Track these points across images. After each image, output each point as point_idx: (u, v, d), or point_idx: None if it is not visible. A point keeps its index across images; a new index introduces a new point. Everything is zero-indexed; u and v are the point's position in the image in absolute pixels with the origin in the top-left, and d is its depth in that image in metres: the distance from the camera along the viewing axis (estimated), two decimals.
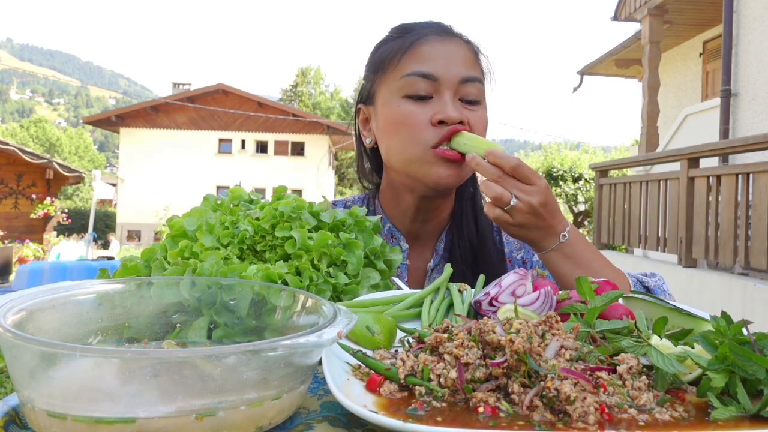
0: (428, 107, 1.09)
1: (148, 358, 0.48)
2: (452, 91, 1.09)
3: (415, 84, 1.09)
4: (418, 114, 1.09)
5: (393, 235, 1.24)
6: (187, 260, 0.82)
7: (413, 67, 1.10)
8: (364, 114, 1.24)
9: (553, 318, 0.67)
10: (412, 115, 1.09)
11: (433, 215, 1.23)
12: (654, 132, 8.96)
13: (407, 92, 1.10)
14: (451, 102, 1.08)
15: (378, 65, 1.18)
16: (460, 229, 1.24)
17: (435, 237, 1.27)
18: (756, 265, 4.48)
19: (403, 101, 1.10)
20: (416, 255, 1.26)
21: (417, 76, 1.09)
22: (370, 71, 1.21)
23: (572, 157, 18.75)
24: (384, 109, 1.15)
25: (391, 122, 1.12)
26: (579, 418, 0.51)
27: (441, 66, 1.10)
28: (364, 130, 1.25)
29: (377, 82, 1.18)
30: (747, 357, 0.54)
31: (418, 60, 1.10)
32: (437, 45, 1.12)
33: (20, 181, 16.02)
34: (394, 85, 1.12)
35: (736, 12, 8.23)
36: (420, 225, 1.24)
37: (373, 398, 0.57)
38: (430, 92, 1.10)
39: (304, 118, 28.12)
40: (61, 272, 5.84)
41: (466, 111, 1.10)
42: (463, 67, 1.11)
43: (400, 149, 1.12)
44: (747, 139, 4.88)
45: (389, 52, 1.15)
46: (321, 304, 0.64)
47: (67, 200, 39.29)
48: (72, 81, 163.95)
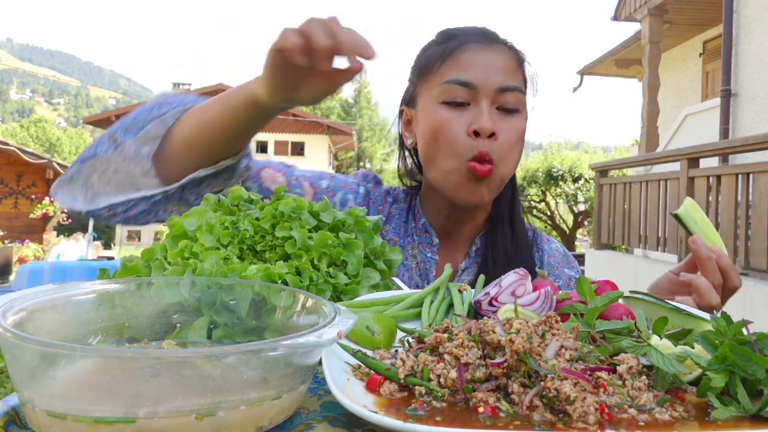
0: (465, 115, 1.10)
1: (148, 358, 0.48)
2: (490, 99, 1.10)
3: (453, 91, 1.10)
4: (454, 122, 1.10)
5: (426, 229, 1.26)
6: (187, 260, 0.82)
7: (452, 74, 1.11)
8: (406, 116, 1.26)
9: (553, 318, 0.67)
10: (448, 123, 1.10)
11: (467, 218, 1.25)
12: (654, 132, 8.96)
13: (445, 99, 1.11)
14: (487, 111, 1.09)
15: (420, 70, 1.19)
16: (495, 234, 1.25)
17: (469, 238, 1.28)
18: (756, 265, 4.48)
19: (440, 108, 1.12)
20: (447, 253, 1.27)
21: (455, 83, 1.10)
22: (413, 75, 1.23)
23: (572, 157, 18.75)
24: (423, 113, 1.16)
25: (428, 128, 1.14)
26: (579, 418, 0.51)
27: (480, 74, 1.10)
28: (406, 131, 1.27)
29: (419, 86, 1.19)
30: (747, 357, 0.54)
31: (458, 67, 1.11)
32: (478, 52, 1.12)
33: (20, 181, 16.02)
34: (434, 91, 1.13)
35: (736, 12, 8.23)
36: (453, 225, 1.25)
37: (373, 398, 0.57)
38: (468, 100, 1.10)
39: (304, 118, 28.12)
40: (61, 272, 5.83)
41: (502, 121, 1.11)
42: (502, 75, 1.11)
43: (435, 157, 1.14)
44: (747, 139, 4.89)
45: (431, 58, 1.17)
46: (321, 304, 0.64)
47: None
48: (72, 81, 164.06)
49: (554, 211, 19.41)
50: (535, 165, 18.76)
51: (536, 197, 19.06)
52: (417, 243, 1.25)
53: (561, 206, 19.48)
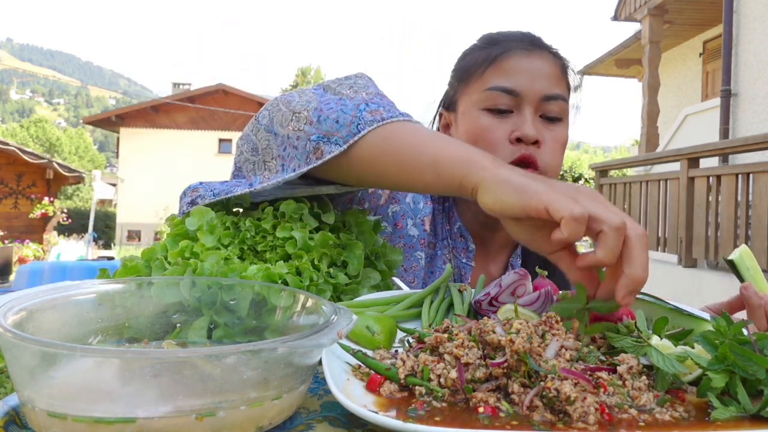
0: (508, 122, 1.09)
1: (148, 358, 0.48)
2: (533, 107, 1.09)
3: (496, 98, 1.09)
4: (496, 129, 1.09)
5: (462, 234, 1.23)
6: (188, 260, 0.82)
7: (496, 81, 1.10)
8: (445, 120, 1.24)
9: (553, 318, 0.67)
10: (490, 130, 1.09)
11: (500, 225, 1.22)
12: (654, 132, 8.96)
13: (488, 105, 1.10)
14: (530, 119, 1.08)
15: (462, 74, 1.18)
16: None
17: (505, 248, 1.26)
18: None
19: (483, 114, 1.11)
20: (481, 261, 1.24)
21: (499, 90, 1.09)
22: (454, 79, 1.21)
23: (572, 157, 18.76)
24: (464, 118, 1.15)
25: (469, 133, 1.12)
26: (579, 419, 0.51)
27: (524, 81, 1.09)
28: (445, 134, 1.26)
29: (460, 91, 1.18)
30: (747, 357, 0.54)
31: (502, 74, 1.10)
32: (522, 59, 1.11)
33: (20, 181, 16.03)
34: (476, 96, 1.12)
35: (736, 12, 8.23)
36: (488, 233, 1.23)
37: (373, 398, 0.57)
38: (511, 107, 1.09)
39: None
40: (61, 272, 5.83)
41: (545, 129, 1.10)
42: (546, 83, 1.10)
43: None
44: (747, 139, 4.89)
45: (474, 63, 1.15)
46: (321, 304, 0.64)
47: (67, 200, 39.31)
48: (72, 81, 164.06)
49: None
50: None
51: None
52: (452, 247, 1.22)
53: None
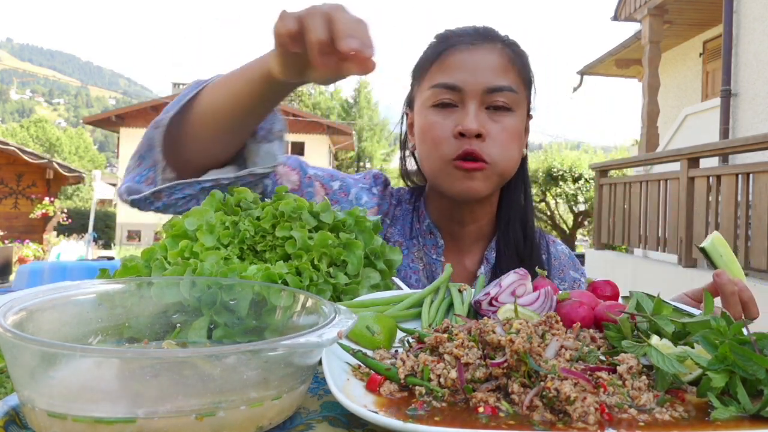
0: (452, 118, 1.10)
1: (148, 358, 0.48)
2: (477, 101, 1.10)
3: (440, 94, 1.11)
4: (441, 125, 1.11)
5: (431, 231, 1.25)
6: (188, 260, 0.82)
7: (439, 77, 1.12)
8: (410, 119, 1.26)
9: (553, 318, 0.67)
10: (435, 126, 1.11)
11: (470, 219, 1.24)
12: (654, 132, 8.96)
13: (434, 102, 1.12)
14: (473, 113, 1.08)
15: (414, 73, 1.21)
16: (507, 237, 1.24)
17: (479, 242, 1.27)
18: (756, 265, 4.48)
19: (430, 111, 1.13)
20: (455, 256, 1.26)
21: (442, 87, 1.11)
22: (411, 78, 1.24)
23: (572, 157, 18.75)
24: (417, 117, 1.18)
25: (419, 131, 1.16)
26: (579, 418, 0.51)
27: (466, 76, 1.10)
28: (411, 134, 1.27)
29: (415, 89, 1.21)
30: (747, 357, 0.54)
31: (445, 70, 1.12)
32: (465, 54, 1.12)
33: (20, 181, 16.02)
34: (425, 94, 1.14)
35: (736, 12, 8.23)
36: (457, 227, 1.25)
37: (373, 398, 0.57)
38: (456, 102, 1.11)
39: (304, 118, 28.11)
40: (61, 272, 5.84)
41: (491, 122, 1.10)
42: (490, 76, 1.10)
43: (426, 159, 1.15)
44: (747, 139, 4.89)
45: (422, 61, 1.17)
46: (321, 304, 0.64)
47: (67, 200, 39.30)
48: (72, 81, 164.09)
49: (554, 211, 19.41)
50: (535, 165, 18.76)
51: (536, 197, 19.06)
52: (422, 245, 1.24)
53: (561, 206, 19.48)
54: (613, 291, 0.85)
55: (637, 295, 0.72)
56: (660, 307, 0.70)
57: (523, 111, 1.17)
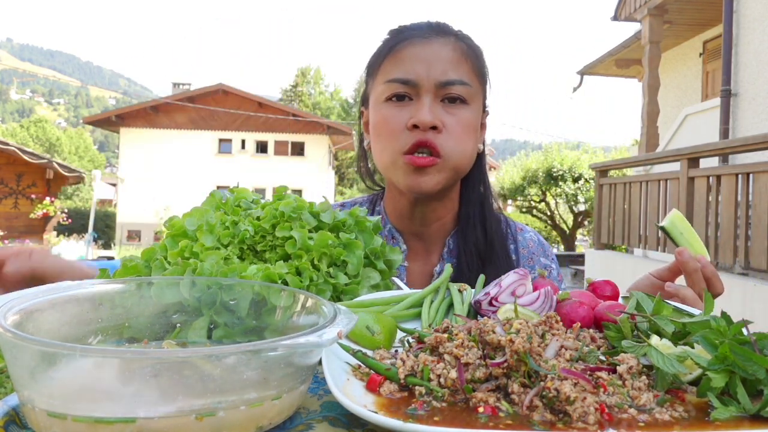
0: (407, 111, 1.10)
1: (148, 358, 0.48)
2: (432, 94, 1.10)
3: (395, 88, 1.11)
4: (395, 118, 1.10)
5: (393, 235, 1.24)
6: (187, 260, 0.82)
7: (393, 72, 1.11)
8: (365, 117, 1.26)
9: (553, 318, 0.67)
10: (389, 119, 1.11)
11: (432, 217, 1.22)
12: (654, 132, 8.96)
13: (388, 96, 1.12)
14: (428, 105, 1.08)
15: (368, 69, 1.20)
16: (466, 235, 1.23)
17: (440, 240, 1.25)
18: (756, 265, 4.48)
19: (384, 105, 1.13)
20: (418, 257, 1.25)
21: (396, 81, 1.10)
22: (366, 74, 1.23)
23: (572, 157, 18.75)
24: (372, 112, 1.17)
25: (374, 126, 1.15)
26: (579, 418, 0.51)
27: (420, 69, 1.10)
28: (366, 131, 1.27)
29: (370, 86, 1.20)
30: (747, 357, 0.54)
31: (398, 64, 1.11)
32: (418, 48, 1.11)
33: (20, 181, 16.02)
34: (379, 89, 1.14)
35: (736, 12, 8.23)
36: (420, 227, 1.23)
37: (373, 398, 0.57)
38: (411, 95, 1.11)
39: (304, 118, 28.10)
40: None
41: (447, 114, 1.10)
42: (444, 69, 1.10)
43: (380, 153, 1.15)
44: (747, 139, 4.88)
45: (376, 56, 1.17)
46: (321, 304, 0.64)
47: (67, 200, 39.27)
48: (72, 81, 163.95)
49: (554, 211, 19.41)
50: (535, 165, 18.75)
51: (536, 197, 19.06)
52: None
53: (561, 206, 19.48)
54: (613, 291, 0.85)
55: (637, 295, 0.72)
56: (660, 307, 0.70)
57: (479, 105, 1.16)
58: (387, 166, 1.14)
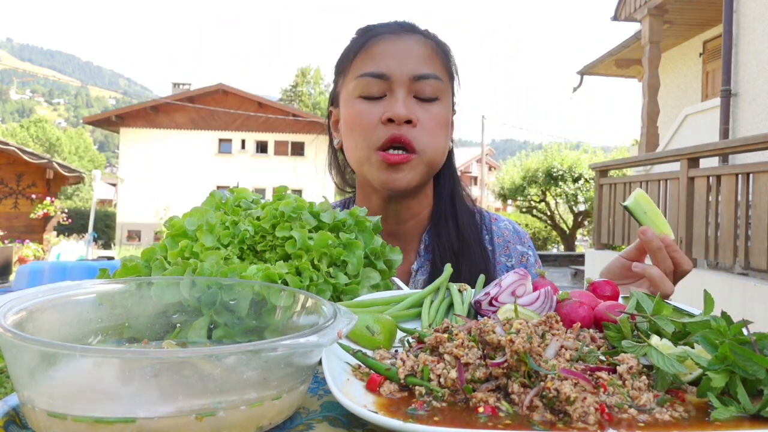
0: (380, 106, 1.10)
1: (148, 358, 0.48)
2: (405, 89, 1.10)
3: (368, 84, 1.10)
4: (369, 113, 1.10)
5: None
6: (187, 260, 0.82)
7: (366, 67, 1.11)
8: (334, 116, 1.26)
9: (553, 318, 0.67)
10: (363, 115, 1.10)
11: (407, 215, 1.22)
12: (654, 132, 8.96)
13: (361, 92, 1.11)
14: (402, 100, 1.08)
15: (338, 67, 1.20)
16: (439, 231, 1.23)
17: (416, 237, 1.25)
18: (756, 265, 4.48)
19: (357, 101, 1.12)
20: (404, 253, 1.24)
21: (369, 76, 1.10)
22: (334, 74, 1.23)
23: (572, 157, 18.75)
24: (343, 110, 1.17)
25: (346, 123, 1.15)
26: (579, 419, 0.51)
27: (393, 64, 1.10)
28: (335, 131, 1.26)
29: (339, 84, 1.19)
30: (747, 357, 0.54)
31: (370, 59, 1.11)
32: (389, 43, 1.12)
33: (20, 181, 16.02)
34: (351, 85, 1.13)
35: (736, 12, 8.23)
36: (396, 225, 1.23)
37: (373, 398, 0.57)
38: (384, 91, 1.10)
39: (304, 118, 28.11)
40: (61, 272, 5.84)
41: (420, 109, 1.10)
42: (416, 64, 1.10)
43: (353, 149, 1.14)
44: (747, 139, 4.89)
45: (346, 53, 1.17)
46: (321, 304, 0.64)
47: (67, 200, 39.26)
48: (72, 81, 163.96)
49: (554, 211, 19.41)
50: (535, 165, 18.76)
51: (536, 197, 19.06)
52: None
53: (561, 206, 19.49)
54: (613, 291, 0.85)
55: (637, 295, 0.72)
56: (660, 307, 0.70)
57: (449, 102, 1.17)
58: (361, 162, 1.13)
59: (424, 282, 1.20)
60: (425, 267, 1.22)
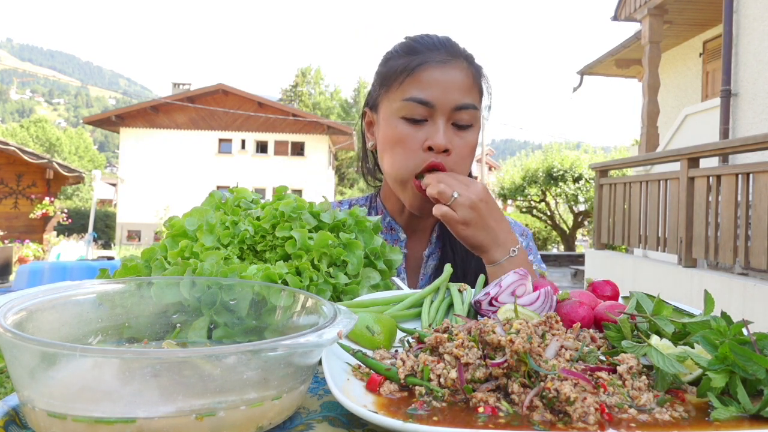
0: (422, 131, 1.18)
1: (148, 358, 0.48)
2: (446, 117, 1.17)
3: (413, 108, 1.17)
4: (412, 137, 1.18)
5: (392, 227, 1.34)
6: (187, 260, 0.82)
7: (413, 92, 1.17)
8: (369, 117, 1.33)
9: (553, 318, 0.67)
10: (406, 138, 1.18)
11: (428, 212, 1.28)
12: (654, 132, 8.96)
13: (405, 114, 1.18)
14: (442, 129, 1.16)
15: (383, 80, 1.25)
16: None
17: (430, 227, 1.36)
18: (756, 265, 4.48)
19: (400, 122, 1.19)
20: (414, 244, 1.35)
21: (415, 101, 1.17)
22: (377, 82, 1.28)
23: (572, 157, 18.75)
24: (384, 123, 1.23)
25: (388, 139, 1.21)
26: (579, 419, 0.51)
27: (438, 93, 1.17)
28: (369, 132, 1.34)
29: (382, 95, 1.26)
30: (747, 357, 0.54)
31: (419, 86, 1.18)
32: (437, 70, 1.18)
33: (20, 181, 16.02)
34: (395, 105, 1.20)
35: (736, 12, 8.23)
36: (417, 220, 1.33)
37: (373, 398, 0.57)
38: (426, 116, 1.18)
39: (304, 118, 28.11)
40: (61, 272, 5.84)
41: (456, 137, 1.19)
42: (459, 93, 1.18)
43: (390, 166, 1.22)
44: (747, 139, 4.88)
45: (394, 71, 1.22)
46: (321, 304, 0.64)
47: (67, 200, 39.26)
48: (72, 81, 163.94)
49: (554, 211, 19.41)
50: (535, 165, 18.75)
51: (536, 197, 19.06)
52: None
53: (561, 206, 19.48)
54: (613, 291, 0.85)
55: (637, 295, 0.72)
56: (660, 307, 0.70)
57: (479, 124, 1.25)
58: (397, 181, 1.22)
59: (435, 267, 1.31)
60: (436, 254, 1.33)
